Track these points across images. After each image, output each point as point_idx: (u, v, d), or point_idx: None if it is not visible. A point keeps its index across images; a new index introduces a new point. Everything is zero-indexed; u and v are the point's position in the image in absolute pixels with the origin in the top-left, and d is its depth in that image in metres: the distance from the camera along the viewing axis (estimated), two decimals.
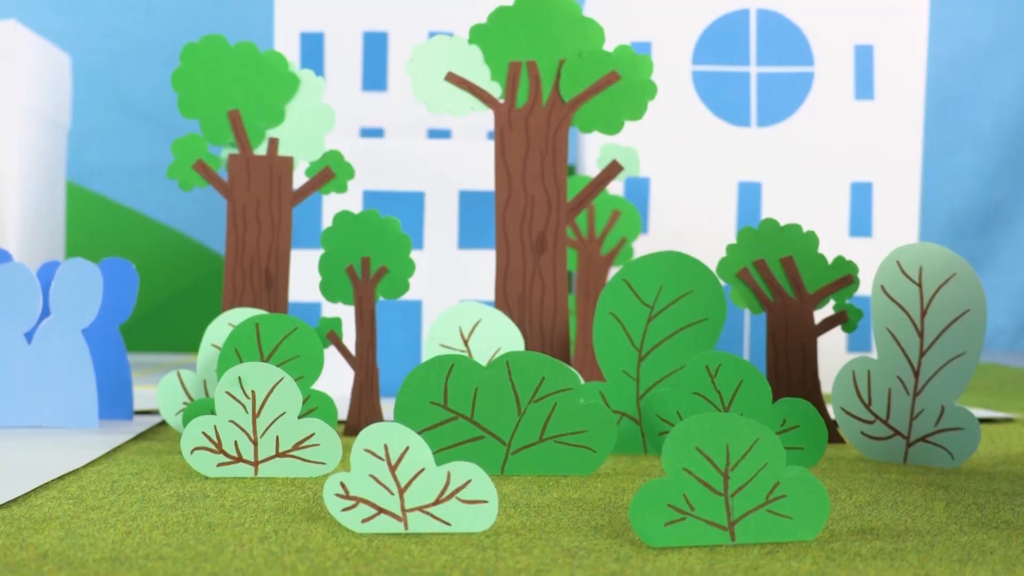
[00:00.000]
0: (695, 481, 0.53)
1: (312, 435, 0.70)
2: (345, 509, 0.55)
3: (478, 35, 0.88)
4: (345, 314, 1.10)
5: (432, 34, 1.37)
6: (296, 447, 0.70)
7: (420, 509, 0.55)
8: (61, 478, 0.68)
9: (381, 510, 0.55)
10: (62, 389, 0.88)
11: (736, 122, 1.29)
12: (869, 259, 1.11)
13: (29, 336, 0.88)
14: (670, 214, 1.28)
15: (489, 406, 0.72)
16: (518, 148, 0.88)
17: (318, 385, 0.91)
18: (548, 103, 0.88)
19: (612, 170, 0.90)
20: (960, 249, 2.02)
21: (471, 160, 1.16)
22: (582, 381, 0.73)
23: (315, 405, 0.79)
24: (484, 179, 1.15)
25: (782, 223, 0.86)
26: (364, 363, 0.88)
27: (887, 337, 0.79)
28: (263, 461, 0.70)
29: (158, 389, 0.84)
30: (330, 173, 0.94)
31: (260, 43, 0.96)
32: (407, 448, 0.55)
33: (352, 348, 0.93)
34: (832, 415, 0.84)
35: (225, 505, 0.61)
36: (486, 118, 1.33)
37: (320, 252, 0.89)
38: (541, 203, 0.88)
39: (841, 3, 1.29)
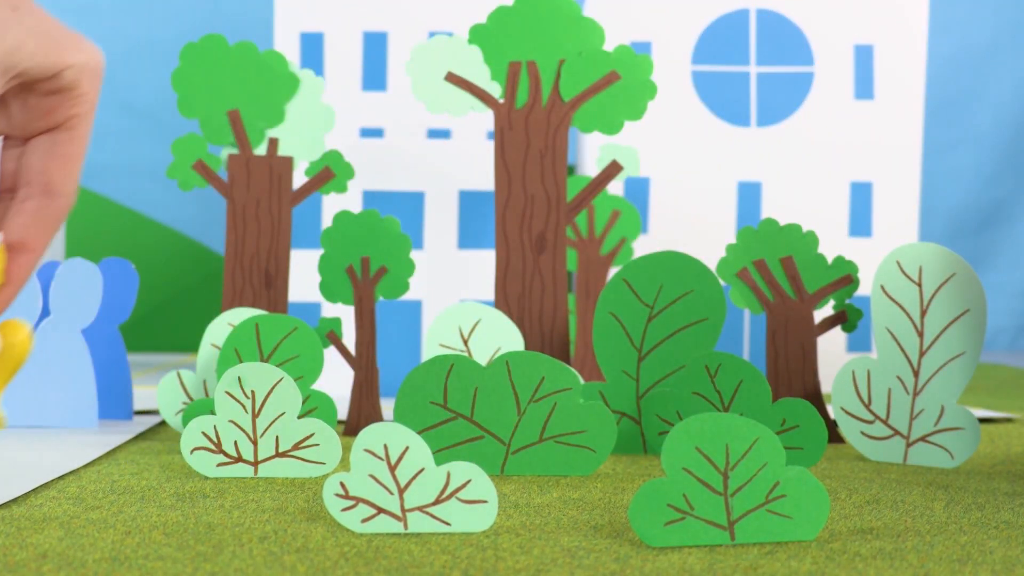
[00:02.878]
0: (695, 481, 0.53)
1: (312, 435, 0.70)
2: (345, 509, 0.55)
3: (478, 35, 0.88)
4: (345, 314, 1.10)
5: (432, 34, 1.37)
6: (296, 447, 0.70)
7: (420, 509, 0.55)
8: (61, 478, 0.68)
9: (381, 510, 0.55)
10: (62, 389, 0.88)
11: (736, 122, 1.29)
12: (869, 259, 1.11)
13: None
14: (670, 214, 1.28)
15: (489, 406, 0.72)
16: (518, 148, 0.88)
17: (318, 385, 0.91)
18: (548, 103, 0.88)
19: (612, 170, 0.90)
20: (960, 249, 2.02)
21: (471, 160, 1.16)
22: (582, 381, 0.73)
23: (315, 405, 0.79)
24: (484, 179, 1.15)
25: (782, 223, 0.86)
26: (364, 363, 0.88)
27: (887, 337, 0.79)
28: (263, 461, 0.70)
29: (158, 389, 0.84)
30: (330, 173, 0.94)
31: (260, 43, 0.96)
32: (407, 448, 0.55)
33: (352, 348, 0.93)
34: (832, 415, 0.84)
35: (225, 505, 0.61)
36: (486, 118, 1.33)
37: (320, 252, 0.89)
38: (541, 203, 0.88)
39: (841, 3, 1.29)
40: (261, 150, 0.93)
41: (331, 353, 0.96)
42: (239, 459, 0.70)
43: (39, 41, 0.44)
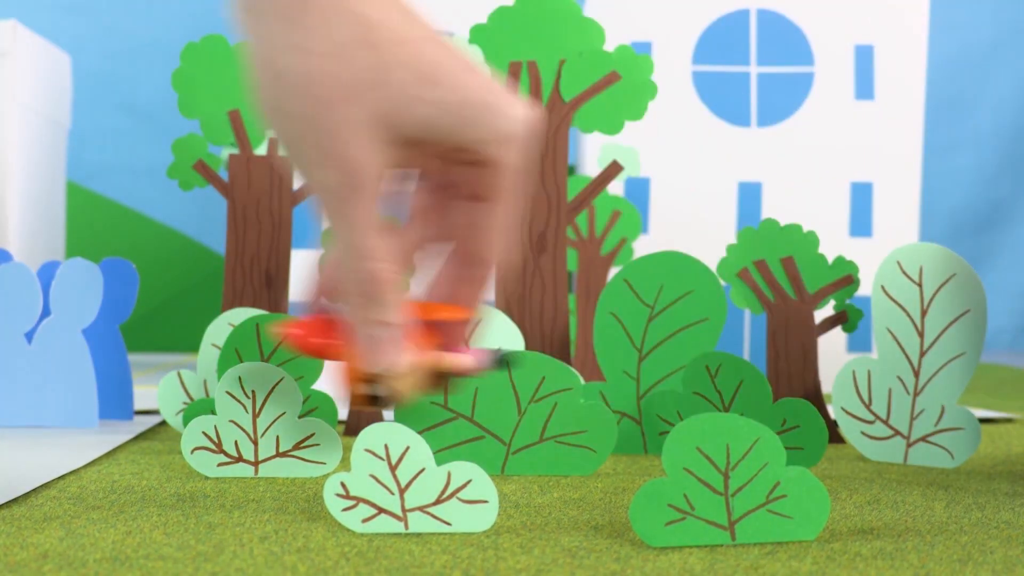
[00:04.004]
0: (695, 481, 0.53)
1: (312, 435, 0.70)
2: (345, 509, 0.55)
3: (478, 35, 0.88)
4: None
5: None
6: (296, 447, 0.70)
7: (420, 509, 0.55)
8: (61, 478, 0.68)
9: (381, 510, 0.55)
10: (62, 389, 0.88)
11: (736, 122, 1.29)
12: (869, 259, 1.11)
13: (29, 336, 0.88)
14: (670, 214, 1.28)
15: (489, 406, 0.72)
16: None
17: (318, 385, 0.91)
18: (548, 103, 0.88)
19: (612, 170, 0.90)
20: (960, 249, 2.02)
21: None
22: (582, 381, 0.73)
23: (315, 405, 0.79)
24: None
25: (782, 223, 0.86)
26: None
27: (887, 337, 0.79)
28: (263, 461, 0.70)
29: (158, 389, 0.84)
30: None
31: None
32: (407, 448, 0.55)
33: None
34: (832, 415, 0.84)
35: (225, 505, 0.61)
36: None
37: (320, 252, 0.89)
38: (541, 203, 0.88)
39: (841, 3, 1.29)
40: (262, 150, 0.93)
41: None
42: (240, 459, 0.70)
43: (453, 119, 0.45)
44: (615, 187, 1.25)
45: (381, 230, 0.45)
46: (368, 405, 0.48)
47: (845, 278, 0.85)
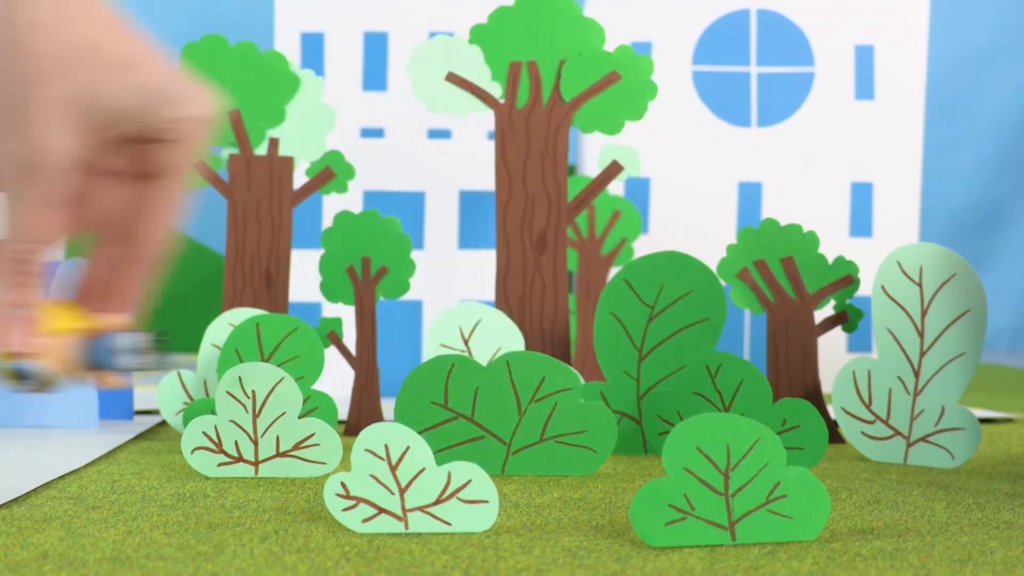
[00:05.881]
0: (696, 481, 0.53)
1: (312, 435, 0.70)
2: (346, 509, 0.55)
3: (478, 35, 0.88)
4: (345, 314, 1.10)
5: (432, 34, 1.37)
6: (296, 447, 0.70)
7: (421, 509, 0.55)
8: (61, 478, 0.68)
9: (382, 510, 0.55)
10: (62, 389, 0.88)
11: (736, 122, 1.29)
12: (869, 259, 1.11)
13: None
14: (670, 214, 1.28)
15: (489, 406, 0.72)
16: (518, 148, 0.88)
17: (318, 385, 0.91)
18: (548, 103, 0.88)
19: (612, 170, 0.90)
20: (960, 249, 2.01)
21: (471, 160, 1.16)
22: (582, 381, 0.73)
23: (315, 405, 0.79)
24: (484, 179, 1.15)
25: (782, 223, 0.86)
26: (364, 363, 0.88)
27: (887, 337, 0.79)
28: (263, 461, 0.70)
29: (158, 389, 0.84)
30: (330, 173, 0.94)
31: (260, 43, 0.96)
32: (408, 448, 0.55)
33: (352, 348, 0.93)
34: (832, 415, 0.84)
35: (225, 505, 0.61)
36: (486, 118, 1.33)
37: (320, 252, 0.89)
38: (541, 203, 0.88)
39: (841, 3, 1.29)
40: (262, 150, 0.93)
41: (331, 353, 0.96)
42: (240, 459, 0.70)
43: (145, 100, 0.46)
44: (615, 187, 1.25)
45: (54, 214, 0.46)
46: (17, 383, 0.49)
47: (845, 278, 0.85)
